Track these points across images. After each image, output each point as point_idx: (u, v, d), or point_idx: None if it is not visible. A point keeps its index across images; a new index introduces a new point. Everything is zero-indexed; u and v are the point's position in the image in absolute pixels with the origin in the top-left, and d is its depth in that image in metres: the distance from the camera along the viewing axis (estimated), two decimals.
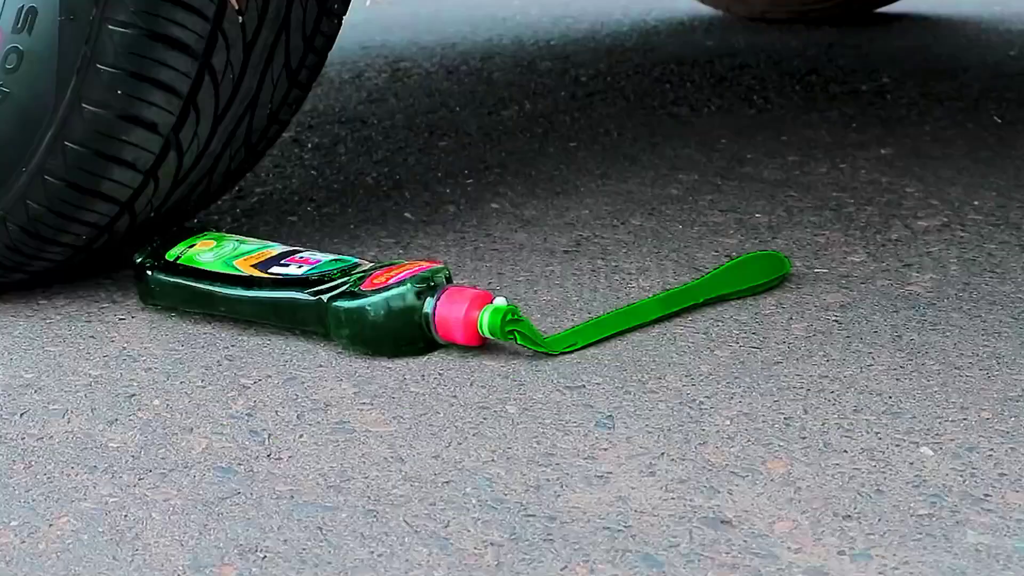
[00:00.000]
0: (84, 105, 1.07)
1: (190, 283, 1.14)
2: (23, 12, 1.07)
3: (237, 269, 1.13)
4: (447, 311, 1.04)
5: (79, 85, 1.06)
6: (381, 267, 1.09)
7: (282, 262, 1.13)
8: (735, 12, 2.72)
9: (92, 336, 1.14)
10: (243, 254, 1.15)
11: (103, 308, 1.20)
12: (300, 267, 1.12)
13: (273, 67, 1.19)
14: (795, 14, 2.64)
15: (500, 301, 1.04)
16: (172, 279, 1.15)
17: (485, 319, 1.03)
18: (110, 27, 1.04)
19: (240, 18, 1.10)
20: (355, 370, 1.05)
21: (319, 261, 1.13)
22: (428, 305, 1.04)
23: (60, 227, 1.14)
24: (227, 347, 1.11)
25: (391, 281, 1.06)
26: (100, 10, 1.04)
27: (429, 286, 1.05)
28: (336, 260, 1.13)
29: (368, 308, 1.05)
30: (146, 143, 1.11)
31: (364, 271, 1.09)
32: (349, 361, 1.07)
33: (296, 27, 1.18)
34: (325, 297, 1.07)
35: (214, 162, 1.21)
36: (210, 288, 1.13)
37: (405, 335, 1.06)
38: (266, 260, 1.14)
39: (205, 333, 1.14)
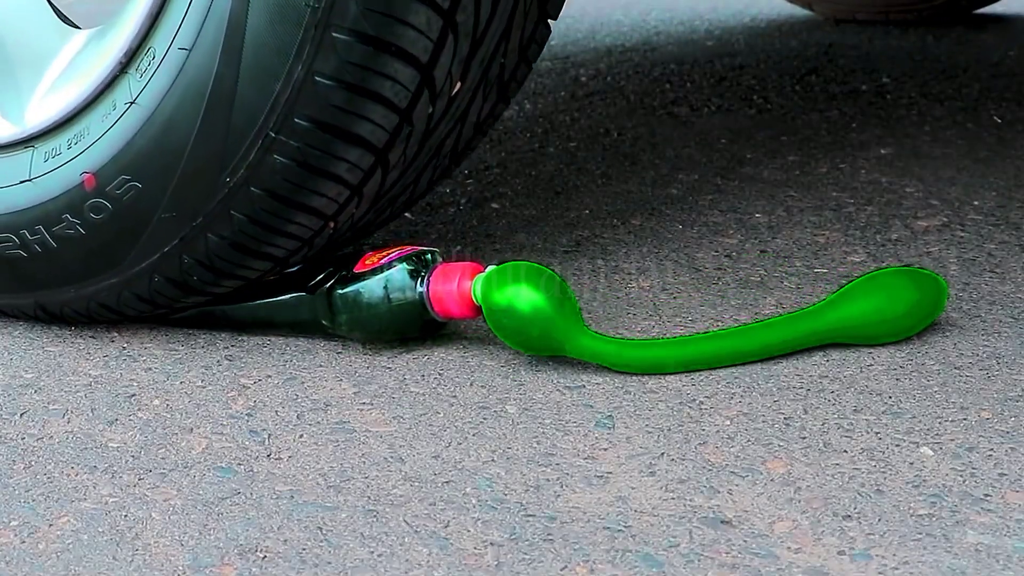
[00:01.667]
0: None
1: None
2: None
3: None
4: (441, 286, 1.04)
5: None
6: (371, 248, 1.09)
7: None
8: (822, 12, 2.69)
9: (92, 336, 1.14)
10: None
11: None
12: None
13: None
14: (882, 14, 2.60)
15: (491, 269, 1.04)
16: None
17: (478, 288, 1.03)
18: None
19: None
20: (355, 370, 1.05)
21: None
22: (422, 283, 1.04)
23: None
24: (227, 347, 1.11)
25: (383, 262, 1.06)
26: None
27: (422, 263, 1.06)
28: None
29: (362, 291, 1.05)
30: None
31: (354, 253, 1.09)
32: (349, 361, 1.07)
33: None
34: (326, 287, 1.07)
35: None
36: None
37: (401, 315, 1.05)
38: None
39: (205, 333, 1.14)
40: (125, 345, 1.12)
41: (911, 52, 2.30)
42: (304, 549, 0.80)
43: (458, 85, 1.05)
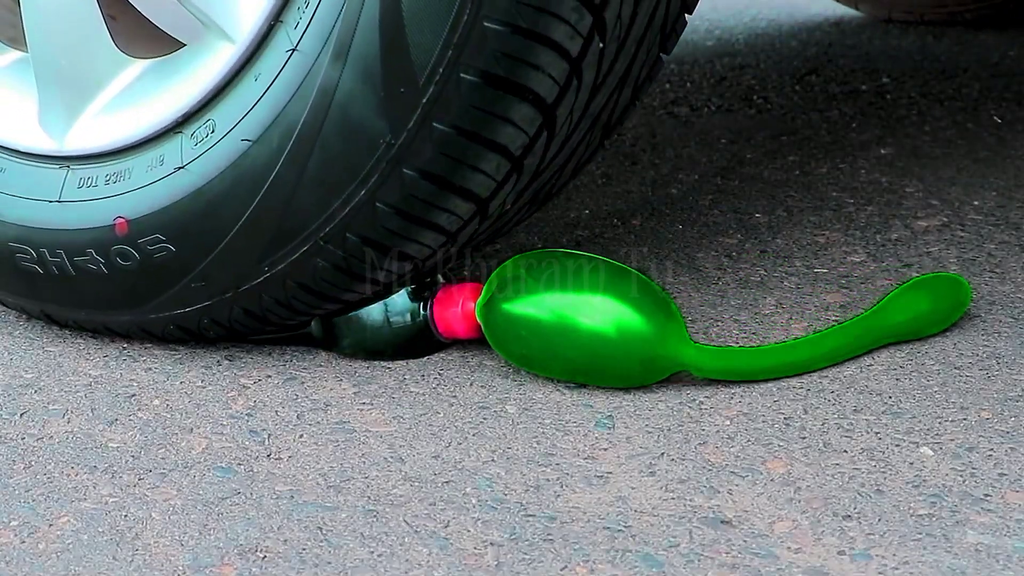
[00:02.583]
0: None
1: None
2: None
3: None
4: (445, 308, 1.04)
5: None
6: None
7: None
8: (871, 12, 2.67)
9: (92, 336, 1.14)
10: None
11: None
12: None
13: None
14: (937, 13, 2.57)
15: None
16: None
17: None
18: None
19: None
20: (355, 370, 1.05)
21: None
22: (426, 306, 1.04)
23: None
24: (227, 347, 1.11)
25: None
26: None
27: (424, 285, 1.05)
28: None
29: (364, 315, 1.05)
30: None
31: None
32: (349, 361, 1.07)
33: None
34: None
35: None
36: None
37: (404, 337, 1.05)
38: None
39: None
40: (125, 345, 1.12)
41: (911, 52, 2.30)
42: (304, 549, 0.80)
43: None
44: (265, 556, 0.79)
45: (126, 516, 0.85)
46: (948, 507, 0.82)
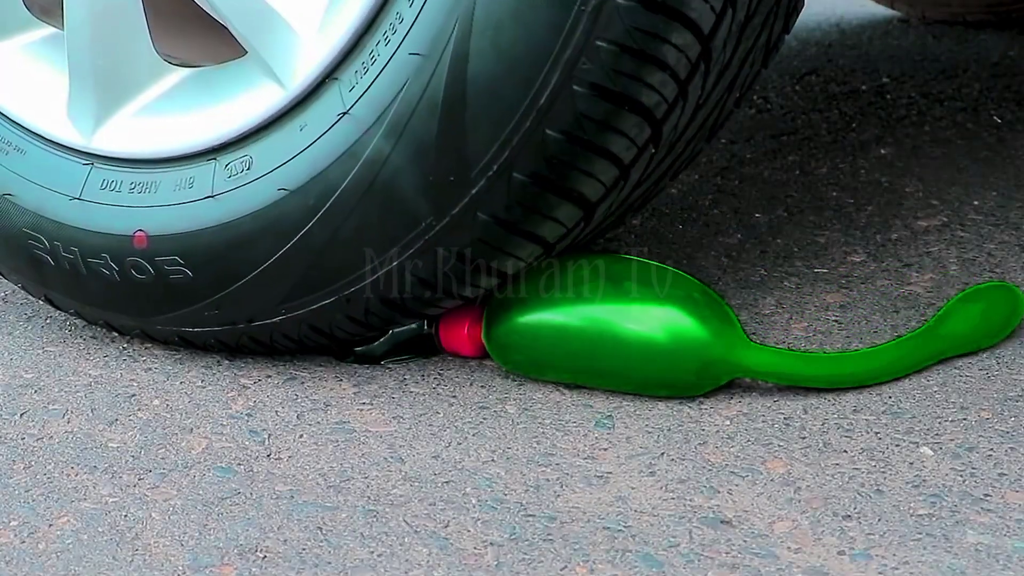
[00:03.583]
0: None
1: None
2: None
3: None
4: (449, 330, 1.03)
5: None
6: None
7: None
8: (909, 12, 2.64)
9: (92, 336, 1.14)
10: None
11: None
12: None
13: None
14: (985, 12, 2.55)
15: None
16: None
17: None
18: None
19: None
20: (355, 370, 1.05)
21: None
22: (432, 327, 1.04)
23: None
24: None
25: None
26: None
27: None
28: None
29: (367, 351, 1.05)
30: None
31: None
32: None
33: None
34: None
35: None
36: None
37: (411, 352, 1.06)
38: None
39: None
40: (125, 345, 1.12)
41: (911, 52, 2.30)
42: (304, 549, 0.80)
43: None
44: (265, 556, 0.79)
45: (126, 516, 0.85)
46: (948, 507, 0.82)
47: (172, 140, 1.00)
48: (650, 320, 0.94)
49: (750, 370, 0.95)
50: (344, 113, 0.91)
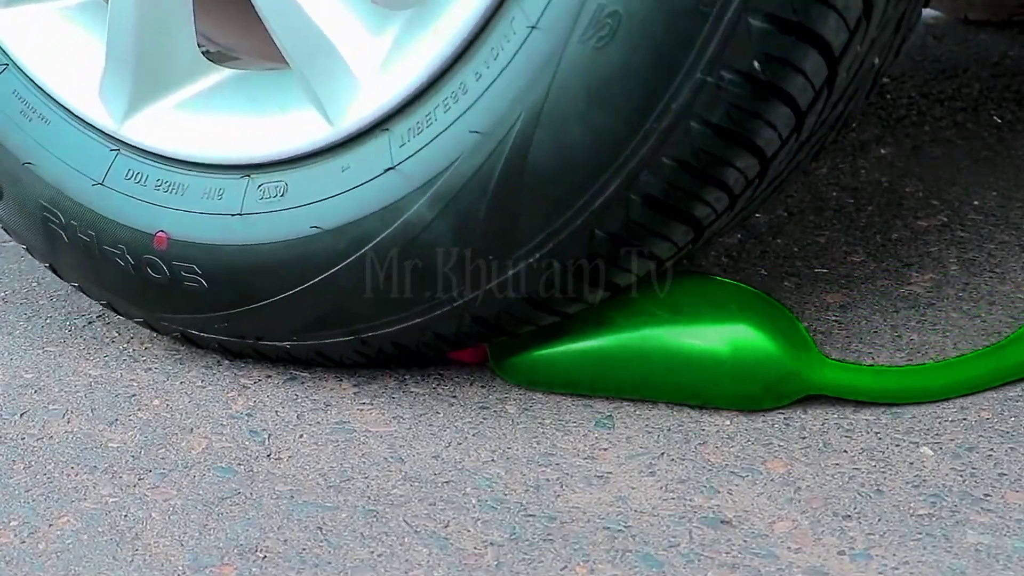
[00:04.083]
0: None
1: None
2: None
3: None
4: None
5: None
6: None
7: None
8: (951, 11, 2.62)
9: (92, 336, 1.14)
10: None
11: (103, 308, 1.20)
12: None
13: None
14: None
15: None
16: None
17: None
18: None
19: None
20: (355, 370, 1.05)
21: None
22: None
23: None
24: None
25: None
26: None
27: None
28: None
29: None
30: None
31: None
32: None
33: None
34: None
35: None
36: None
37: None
38: None
39: None
40: (125, 345, 1.12)
41: (911, 52, 2.30)
42: (304, 549, 0.80)
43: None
44: (265, 556, 0.79)
45: (126, 516, 0.85)
46: (948, 507, 0.82)
47: (207, 145, 0.98)
48: (715, 335, 0.93)
49: (824, 387, 0.93)
50: (391, 168, 0.89)
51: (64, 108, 1.04)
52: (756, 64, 0.79)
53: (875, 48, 0.89)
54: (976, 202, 1.42)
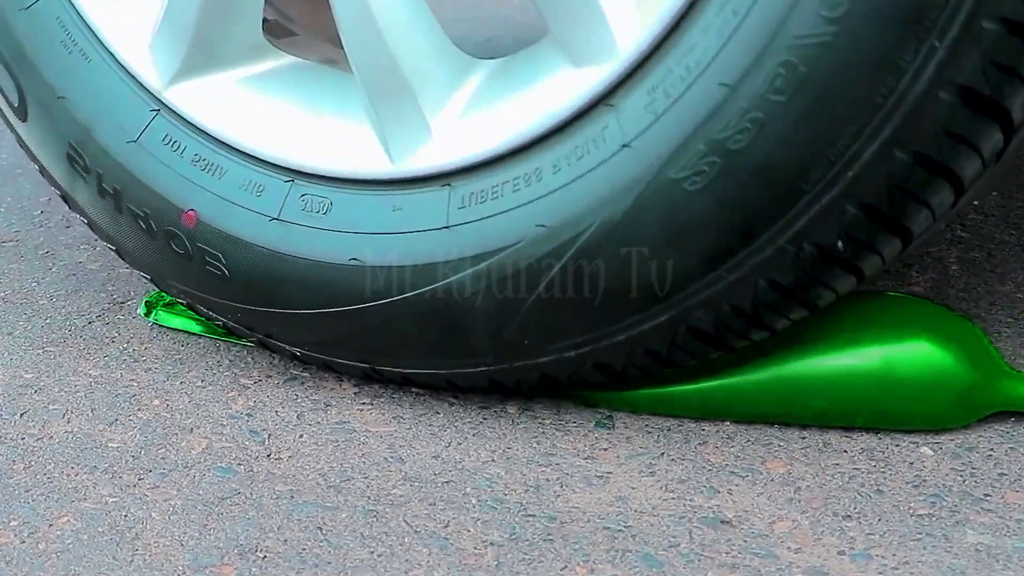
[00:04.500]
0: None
1: None
2: None
3: None
4: None
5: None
6: None
7: None
8: None
9: (92, 336, 1.14)
10: None
11: (103, 308, 1.20)
12: None
13: None
14: None
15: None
16: None
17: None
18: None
19: None
20: None
21: None
22: None
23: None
24: (227, 347, 1.11)
25: None
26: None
27: None
28: None
29: None
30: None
31: None
32: None
33: None
34: None
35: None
36: None
37: None
38: None
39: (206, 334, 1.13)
40: (125, 345, 1.12)
41: None
42: (304, 549, 0.80)
43: None
44: (265, 556, 0.79)
45: (126, 516, 0.85)
46: (948, 507, 0.82)
47: (253, 134, 0.93)
48: (893, 351, 0.89)
49: (1015, 401, 0.90)
50: (445, 227, 0.86)
51: (107, 50, 0.97)
52: (839, 243, 0.78)
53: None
54: (976, 202, 1.42)
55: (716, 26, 0.75)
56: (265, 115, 0.94)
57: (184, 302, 1.04)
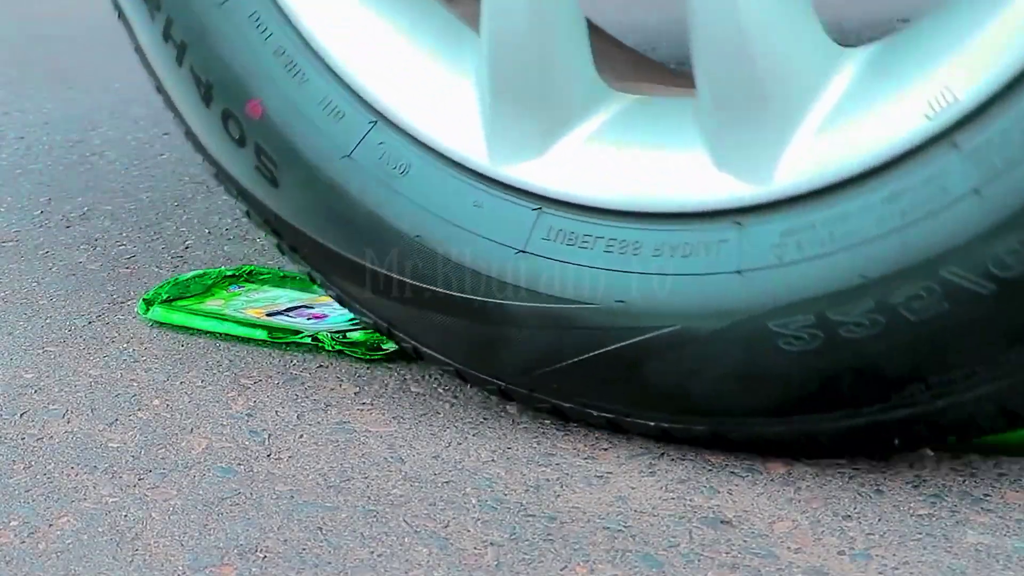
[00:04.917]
0: None
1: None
2: None
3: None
4: None
5: None
6: None
7: (289, 313, 1.13)
8: None
9: (92, 336, 1.14)
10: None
11: (103, 308, 1.20)
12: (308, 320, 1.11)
13: None
14: None
15: None
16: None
17: None
18: None
19: None
20: (356, 370, 1.05)
21: (327, 316, 1.12)
22: None
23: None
24: (227, 347, 1.11)
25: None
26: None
27: None
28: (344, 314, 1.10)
29: None
30: None
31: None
32: (350, 361, 1.07)
33: None
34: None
35: None
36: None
37: None
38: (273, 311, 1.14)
39: (205, 334, 1.14)
40: (125, 345, 1.12)
41: None
42: (304, 549, 0.80)
43: None
44: (265, 556, 0.79)
45: (126, 516, 0.85)
46: (948, 507, 0.82)
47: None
48: None
49: None
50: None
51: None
52: None
53: None
54: None
55: None
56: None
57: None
